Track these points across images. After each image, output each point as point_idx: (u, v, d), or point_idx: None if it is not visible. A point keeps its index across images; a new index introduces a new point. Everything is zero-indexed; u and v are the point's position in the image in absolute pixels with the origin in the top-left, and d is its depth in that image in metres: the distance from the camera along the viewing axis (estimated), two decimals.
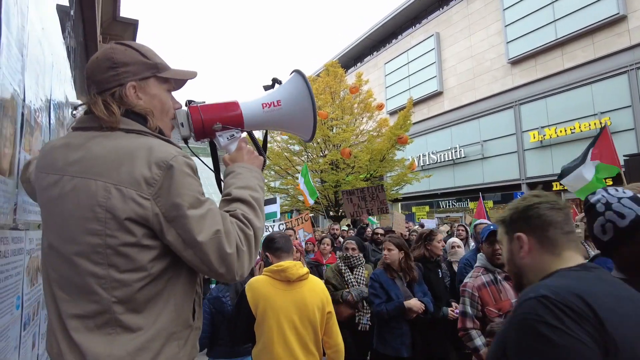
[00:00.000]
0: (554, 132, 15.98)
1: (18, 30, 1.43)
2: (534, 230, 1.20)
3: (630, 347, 0.92)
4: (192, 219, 1.03)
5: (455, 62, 20.84)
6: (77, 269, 1.02)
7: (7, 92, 1.29)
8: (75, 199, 1.03)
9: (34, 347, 1.76)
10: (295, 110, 1.42)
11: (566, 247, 1.18)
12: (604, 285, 1.05)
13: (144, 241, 1.03)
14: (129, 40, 1.27)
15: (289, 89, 1.44)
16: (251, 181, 1.26)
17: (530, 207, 1.23)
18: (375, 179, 15.47)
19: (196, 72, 1.34)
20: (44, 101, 1.89)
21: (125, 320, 1.02)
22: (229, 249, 1.05)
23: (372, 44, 27.67)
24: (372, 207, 7.21)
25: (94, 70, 1.17)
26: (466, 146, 19.68)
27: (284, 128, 1.56)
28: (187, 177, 1.07)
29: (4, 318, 1.30)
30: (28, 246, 1.59)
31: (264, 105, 1.40)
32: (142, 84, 1.20)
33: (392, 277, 3.64)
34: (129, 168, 1.02)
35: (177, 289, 1.11)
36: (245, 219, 1.15)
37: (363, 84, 16.05)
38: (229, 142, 1.38)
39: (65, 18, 3.23)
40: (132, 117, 1.16)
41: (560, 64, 16.25)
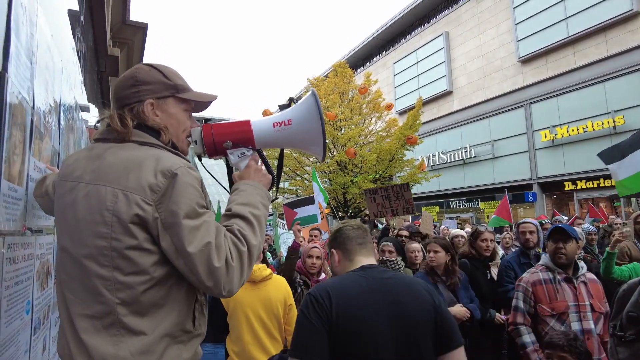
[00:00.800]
0: (565, 131, 15.78)
1: (27, 39, 1.45)
2: (340, 246, 1.71)
3: (344, 321, 1.41)
4: (185, 229, 1.05)
5: (465, 61, 20.68)
6: (86, 271, 1.07)
7: (16, 100, 1.31)
8: (87, 203, 1.09)
9: (44, 350, 1.78)
10: (304, 130, 1.45)
11: (358, 254, 1.67)
12: (355, 279, 1.54)
13: (145, 245, 1.07)
14: (157, 63, 1.33)
15: (300, 108, 1.46)
16: (253, 198, 1.29)
17: (338, 230, 1.75)
18: (384, 180, 15.41)
19: (216, 96, 1.40)
20: (54, 107, 1.91)
21: (128, 323, 1.06)
22: (217, 263, 1.06)
23: (380, 43, 27.59)
24: (397, 206, 6.90)
25: (118, 88, 1.26)
26: (476, 146, 19.52)
27: (295, 146, 1.57)
28: (189, 187, 1.10)
29: (14, 323, 1.32)
30: (38, 251, 1.61)
31: (275, 124, 1.43)
32: (160, 102, 1.27)
33: (435, 281, 3.43)
34: (136, 175, 1.08)
35: (180, 296, 1.14)
36: (241, 235, 1.16)
37: (372, 84, 15.99)
38: (240, 160, 1.42)
39: (75, 23, 3.27)
40: (146, 130, 1.23)
41: (572, 62, 16.03)
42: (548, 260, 2.92)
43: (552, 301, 2.74)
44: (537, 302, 2.79)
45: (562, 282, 2.79)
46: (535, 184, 17.09)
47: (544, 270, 2.89)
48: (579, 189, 15.91)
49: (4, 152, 1.20)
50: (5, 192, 1.22)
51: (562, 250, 2.80)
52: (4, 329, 1.23)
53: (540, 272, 2.89)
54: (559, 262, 2.83)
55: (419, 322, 1.46)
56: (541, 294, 2.80)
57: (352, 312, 1.43)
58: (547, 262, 2.92)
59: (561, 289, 2.76)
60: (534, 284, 2.84)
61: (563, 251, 2.78)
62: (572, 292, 2.74)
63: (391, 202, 6.94)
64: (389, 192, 6.96)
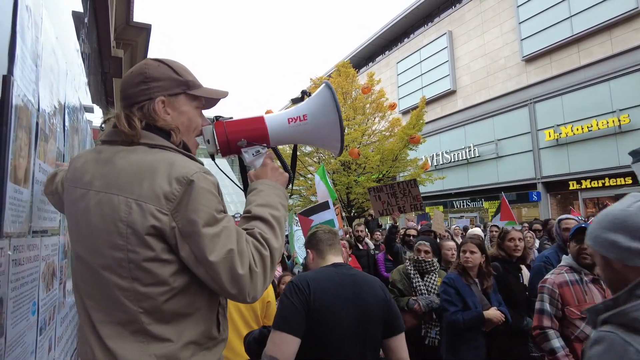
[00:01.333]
0: (570, 130, 15.70)
1: (32, 42, 1.46)
2: (314, 247, 2.09)
3: (319, 306, 1.74)
4: (205, 237, 1.02)
5: (468, 60, 20.62)
6: (104, 281, 1.04)
7: (21, 103, 1.32)
8: (99, 213, 1.05)
9: (50, 350, 1.79)
10: (321, 124, 1.38)
11: (328, 253, 2.03)
12: (329, 273, 1.87)
13: (163, 256, 1.04)
14: (166, 58, 1.27)
15: (315, 102, 1.40)
16: (273, 199, 1.25)
17: (313, 234, 2.13)
18: (387, 179, 15.39)
19: (227, 92, 1.35)
20: (58, 108, 1.92)
21: (153, 330, 1.04)
22: (241, 270, 1.03)
23: (384, 43, 27.54)
24: (404, 203, 6.62)
25: (126, 84, 1.20)
26: (480, 145, 19.46)
27: (311, 143, 1.52)
28: (207, 194, 1.06)
29: (20, 324, 1.33)
30: (43, 252, 1.62)
31: (290, 120, 1.37)
32: (171, 99, 1.22)
33: (468, 282, 3.27)
34: (149, 183, 1.04)
35: (202, 303, 1.12)
36: (263, 239, 1.13)
37: (375, 84, 15.97)
38: (255, 158, 1.37)
39: (79, 25, 3.29)
40: (156, 131, 1.17)
41: (576, 60, 15.95)
42: (571, 260, 2.81)
43: (581, 303, 2.63)
44: (565, 305, 2.67)
45: (590, 284, 2.69)
46: (539, 183, 17.02)
47: (570, 272, 2.77)
48: (583, 189, 15.83)
49: (10, 155, 1.21)
50: (11, 194, 1.23)
51: (586, 250, 2.67)
52: (11, 329, 1.24)
53: (565, 273, 2.76)
54: (584, 262, 2.72)
55: (374, 312, 1.85)
56: (569, 296, 2.67)
57: (326, 301, 1.76)
58: (571, 263, 2.80)
59: (589, 291, 2.66)
60: (560, 286, 2.71)
61: (588, 251, 2.66)
62: (600, 293, 2.65)
63: (397, 200, 6.68)
64: (394, 189, 6.71)
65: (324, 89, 1.39)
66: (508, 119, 18.43)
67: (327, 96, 1.37)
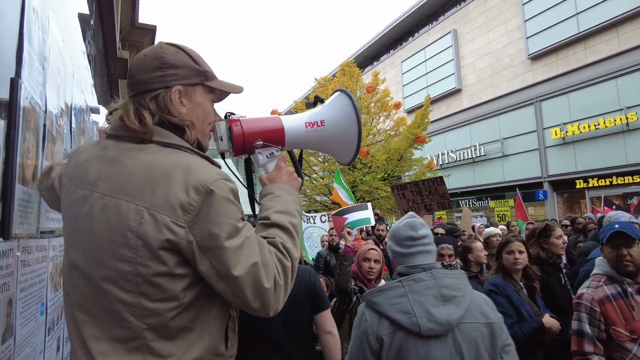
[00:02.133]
0: (576, 128, 15.57)
1: (39, 45, 1.47)
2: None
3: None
4: (229, 251, 0.94)
5: (473, 58, 20.52)
6: (105, 294, 0.95)
7: (29, 105, 1.33)
8: (105, 219, 0.96)
9: (58, 350, 1.81)
10: (339, 132, 1.35)
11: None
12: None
13: (177, 270, 0.96)
14: (182, 44, 1.17)
15: (334, 109, 1.36)
16: (290, 205, 1.18)
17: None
18: (392, 179, 15.36)
19: (242, 87, 1.26)
20: (65, 110, 1.94)
21: (156, 347, 0.96)
22: (267, 284, 0.97)
23: (388, 42, 27.47)
24: (430, 201, 6.27)
25: (139, 68, 1.09)
26: (486, 144, 19.36)
27: (325, 149, 1.48)
28: (228, 204, 0.98)
29: (28, 325, 1.34)
30: (51, 253, 1.64)
31: (307, 125, 1.33)
32: (188, 90, 1.12)
33: (516, 288, 2.87)
34: (163, 190, 0.94)
35: (210, 317, 1.04)
36: (285, 249, 1.07)
37: (380, 83, 15.94)
38: (268, 161, 1.30)
39: (85, 27, 3.31)
40: (168, 127, 1.06)
41: (582, 58, 15.82)
42: (608, 268, 2.40)
43: (629, 321, 2.19)
44: (609, 325, 2.23)
45: (636, 295, 2.26)
46: (545, 182, 16.90)
47: (609, 283, 2.35)
48: (590, 187, 15.70)
49: (18, 157, 1.22)
50: (20, 196, 1.24)
51: (626, 257, 2.31)
52: (20, 330, 1.25)
53: (604, 285, 2.34)
54: (626, 270, 2.32)
55: (302, 295, 2.17)
56: (613, 313, 2.24)
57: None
58: (609, 271, 2.39)
59: (637, 305, 2.23)
60: (601, 302, 2.28)
61: (628, 258, 2.30)
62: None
63: (423, 198, 6.33)
64: (420, 187, 6.35)
65: (344, 97, 1.36)
66: (514, 118, 18.32)
67: (348, 105, 1.33)
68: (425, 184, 6.33)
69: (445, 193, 6.25)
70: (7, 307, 1.14)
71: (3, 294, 1.11)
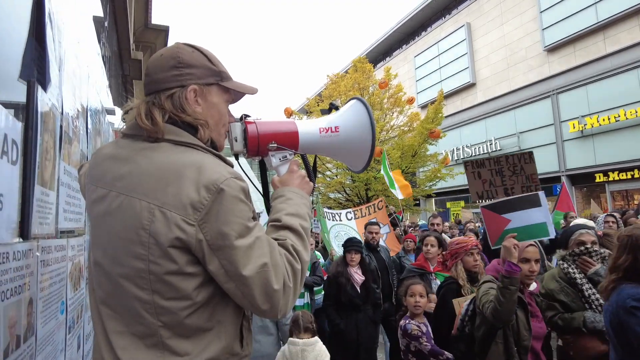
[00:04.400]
0: (595, 120, 15.20)
1: (56, 47, 1.48)
2: None
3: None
4: (239, 250, 0.95)
5: (488, 52, 20.19)
6: (123, 291, 0.98)
7: (46, 107, 1.34)
8: (121, 218, 0.98)
9: (79, 348, 1.84)
10: (352, 139, 1.36)
11: None
12: None
13: (187, 269, 0.96)
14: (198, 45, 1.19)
15: (349, 116, 1.38)
16: (302, 209, 1.18)
17: None
18: (407, 175, 15.24)
19: (257, 89, 1.26)
20: (81, 111, 1.96)
21: (172, 345, 0.97)
22: (276, 285, 0.97)
23: (401, 37, 27.23)
24: (512, 184, 4.93)
25: (156, 68, 1.11)
26: (502, 138, 19.05)
27: (337, 156, 1.49)
28: (239, 203, 0.98)
29: (49, 323, 1.36)
30: (70, 253, 1.66)
31: (322, 130, 1.34)
32: (204, 89, 1.13)
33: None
34: (175, 189, 0.95)
35: (225, 316, 1.04)
36: (295, 251, 1.07)
37: (392, 79, 15.81)
38: (281, 164, 1.31)
39: (100, 29, 3.35)
40: (182, 126, 1.07)
41: (602, 48, 15.42)
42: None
43: None
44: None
45: None
46: (564, 176, 16.55)
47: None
48: (610, 181, 15.32)
49: (37, 158, 1.24)
50: (39, 197, 1.26)
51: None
52: (41, 328, 1.27)
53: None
54: None
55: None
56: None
57: None
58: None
59: None
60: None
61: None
62: None
63: (504, 179, 5.03)
64: (501, 165, 5.04)
65: (359, 105, 1.37)
66: (530, 111, 17.98)
67: (363, 113, 1.34)
68: (509, 161, 4.97)
69: (534, 174, 4.85)
70: (28, 306, 1.16)
71: (24, 294, 1.12)
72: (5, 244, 1.00)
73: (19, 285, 1.09)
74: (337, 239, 6.33)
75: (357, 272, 4.29)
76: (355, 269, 4.30)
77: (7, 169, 1.02)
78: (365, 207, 7.06)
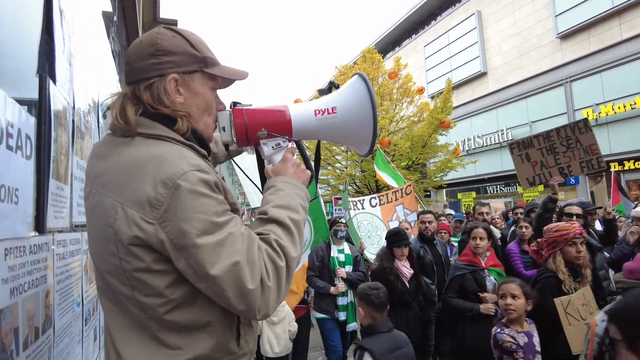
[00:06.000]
0: (610, 109, 14.88)
1: (66, 42, 1.49)
2: None
3: None
4: (203, 249, 0.88)
5: (499, 40, 19.85)
6: (111, 286, 0.98)
7: (59, 103, 1.35)
8: (98, 215, 0.97)
9: (95, 339, 1.87)
10: (351, 119, 1.22)
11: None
12: None
13: (155, 266, 0.92)
14: (182, 28, 1.10)
15: (347, 94, 1.24)
16: (292, 200, 1.09)
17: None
18: (417, 166, 15.14)
19: (247, 73, 1.18)
20: (92, 106, 1.98)
21: (163, 338, 0.96)
22: (251, 284, 0.89)
23: (410, 27, 26.88)
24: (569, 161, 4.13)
25: (135, 56, 1.05)
26: (513, 128, 18.78)
27: (338, 140, 1.37)
28: (200, 198, 0.90)
29: (66, 316, 1.39)
30: (85, 246, 1.68)
31: (317, 112, 1.22)
32: (185, 77, 1.06)
33: None
34: (136, 185, 0.91)
35: (215, 315, 0.98)
36: (279, 247, 0.98)
37: (402, 69, 15.65)
38: (274, 152, 1.22)
39: (109, 23, 3.36)
40: (158, 118, 1.02)
41: (617, 34, 15.03)
42: None
43: None
44: None
45: None
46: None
47: None
48: (626, 170, 15.03)
49: (52, 153, 1.25)
50: (54, 191, 1.27)
51: None
52: (58, 320, 1.29)
53: None
54: None
55: None
56: None
57: None
58: None
59: None
60: None
61: None
62: None
63: (558, 157, 4.17)
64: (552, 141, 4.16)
65: (358, 81, 1.24)
66: (542, 100, 17.67)
67: (362, 89, 1.20)
68: (560, 134, 4.14)
69: (593, 144, 4.05)
70: (45, 299, 1.18)
71: (41, 287, 1.14)
72: (21, 238, 1.01)
73: (36, 278, 1.10)
74: (360, 229, 5.76)
75: (405, 264, 4.00)
76: (402, 262, 4.00)
77: (22, 164, 1.03)
78: (392, 193, 6.37)
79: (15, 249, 0.97)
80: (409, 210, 5.98)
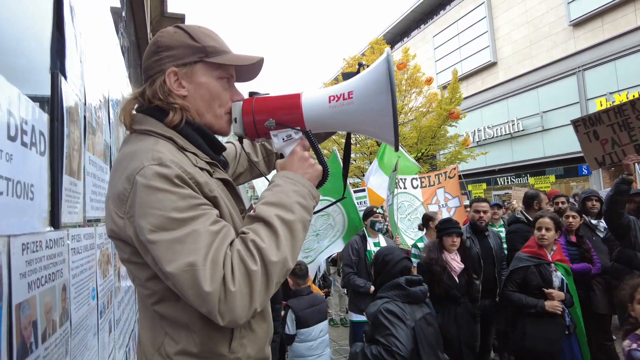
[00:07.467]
0: (625, 97, 14.57)
1: (76, 38, 1.50)
2: None
3: None
4: (159, 245, 0.85)
5: (509, 29, 19.52)
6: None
7: (71, 99, 1.37)
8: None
9: (110, 332, 1.90)
10: (368, 107, 1.04)
11: None
12: None
13: (134, 259, 0.96)
14: (189, 24, 1.10)
15: (366, 77, 1.07)
16: (287, 198, 0.99)
17: None
18: (427, 158, 15.04)
19: (258, 57, 1.11)
20: (103, 102, 1.99)
21: (167, 328, 1.00)
22: (207, 287, 0.83)
23: (418, 17, 26.58)
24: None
25: (144, 57, 1.10)
26: (524, 118, 18.54)
27: (357, 129, 1.17)
28: (155, 193, 0.87)
29: (82, 309, 1.41)
30: (98, 241, 1.71)
31: (332, 99, 1.06)
32: (186, 70, 1.05)
33: None
34: (115, 181, 0.95)
35: (194, 312, 0.94)
36: (255, 248, 0.89)
37: (410, 59, 15.50)
38: (285, 144, 1.11)
39: (118, 19, 3.38)
40: (150, 112, 1.04)
41: (632, 20, 14.69)
42: None
43: None
44: None
45: None
46: None
47: None
48: None
49: (65, 149, 1.26)
50: (67, 187, 1.29)
51: None
52: (74, 314, 1.32)
53: None
54: None
55: None
56: None
57: None
58: None
59: None
60: None
61: None
62: None
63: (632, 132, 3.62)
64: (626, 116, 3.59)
65: (380, 62, 1.03)
66: (554, 90, 17.38)
67: (381, 71, 1.01)
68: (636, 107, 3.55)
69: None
70: (62, 292, 1.20)
71: (57, 281, 1.16)
72: (38, 233, 1.03)
73: (52, 273, 1.12)
74: (400, 210, 5.32)
75: (455, 258, 3.66)
76: (452, 255, 3.66)
77: (37, 160, 1.05)
78: (434, 175, 6.04)
79: (32, 243, 0.99)
80: (450, 195, 5.63)
